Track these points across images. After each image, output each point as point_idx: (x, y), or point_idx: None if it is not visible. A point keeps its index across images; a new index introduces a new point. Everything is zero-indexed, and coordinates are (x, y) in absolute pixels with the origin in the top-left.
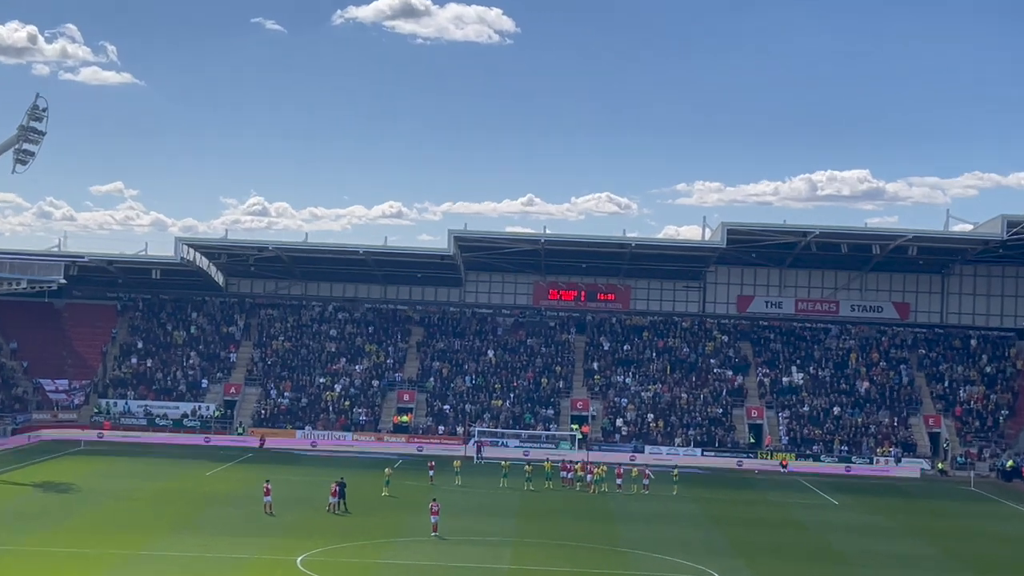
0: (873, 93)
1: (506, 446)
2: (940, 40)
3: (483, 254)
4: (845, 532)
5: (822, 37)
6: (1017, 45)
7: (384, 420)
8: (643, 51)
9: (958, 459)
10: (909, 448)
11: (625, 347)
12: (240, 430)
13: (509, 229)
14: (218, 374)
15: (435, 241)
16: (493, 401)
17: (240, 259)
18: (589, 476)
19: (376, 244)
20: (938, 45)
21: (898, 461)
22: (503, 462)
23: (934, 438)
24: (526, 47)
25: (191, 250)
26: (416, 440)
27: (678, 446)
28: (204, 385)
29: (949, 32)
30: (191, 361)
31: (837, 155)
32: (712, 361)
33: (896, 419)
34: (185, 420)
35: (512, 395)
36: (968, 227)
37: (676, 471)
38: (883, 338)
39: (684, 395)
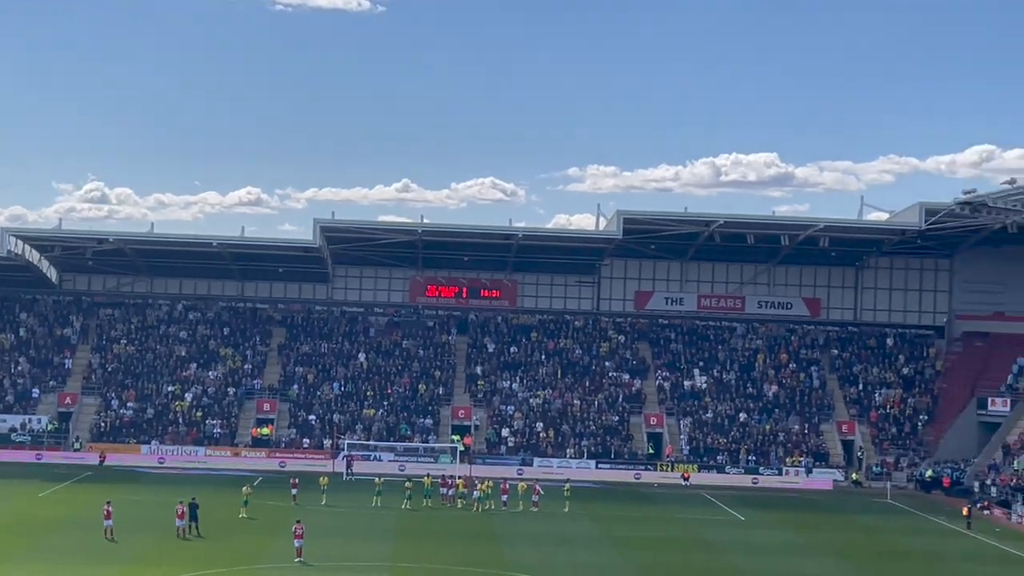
0: (779, 70)
1: (379, 460)
2: (852, 14)
3: (353, 246)
4: (752, 551)
5: (721, 12)
6: (935, 21)
7: (241, 433)
8: (531, 22)
9: (873, 469)
10: (821, 457)
11: (512, 349)
12: (77, 445)
13: (382, 218)
14: (51, 382)
15: (299, 232)
16: (365, 410)
17: (76, 252)
18: (475, 492)
19: (232, 235)
20: (850, 19)
21: (809, 472)
22: (376, 478)
23: (848, 446)
24: (401, 14)
25: (19, 242)
26: (278, 455)
27: (570, 458)
28: (35, 395)
29: (863, 5)
30: (20, 368)
31: (742, 137)
32: (607, 364)
33: (807, 426)
34: (13, 435)
35: (386, 403)
36: (884, 216)
37: (568, 486)
38: (793, 337)
39: (577, 402)
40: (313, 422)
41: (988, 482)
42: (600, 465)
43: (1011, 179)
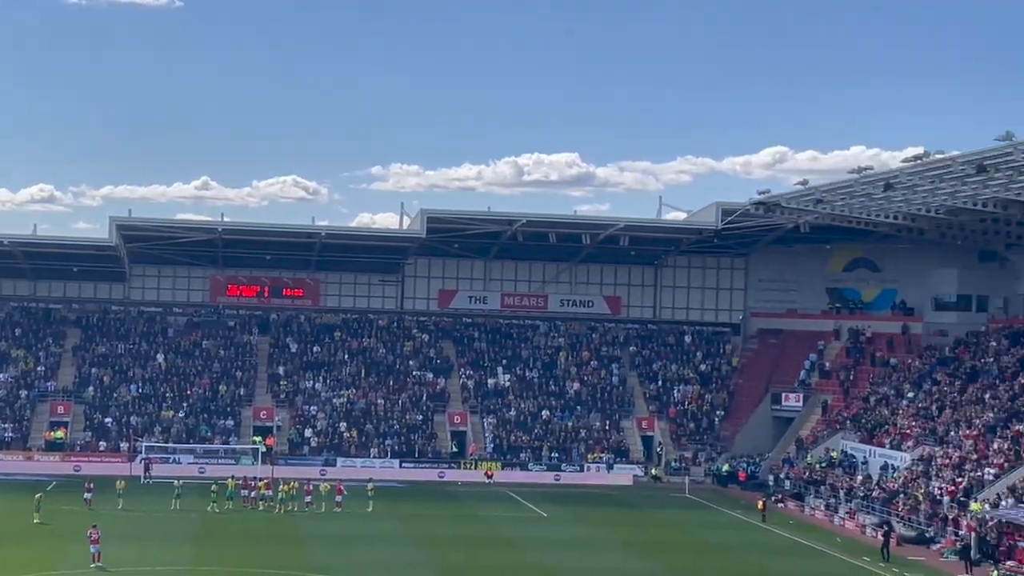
0: (580, 71)
1: (179, 463)
2: (647, 15)
3: (151, 245)
4: (554, 547)
5: (522, 12)
6: (728, 22)
7: (34, 436)
8: (332, 21)
9: (672, 464)
10: (621, 453)
11: (315, 349)
12: None
13: (181, 216)
14: None
15: (94, 230)
16: (163, 412)
17: None
18: (278, 494)
19: (23, 233)
20: (646, 22)
21: (610, 468)
22: (176, 481)
23: (647, 442)
24: (199, 9)
25: None
26: (73, 458)
27: (374, 457)
28: None
29: (659, 8)
30: None
31: (544, 137)
32: (411, 363)
33: (608, 422)
34: None
35: (186, 405)
36: (682, 215)
37: (371, 485)
38: (594, 335)
39: (380, 401)
40: (109, 425)
41: (782, 475)
42: (404, 464)
43: (803, 180)
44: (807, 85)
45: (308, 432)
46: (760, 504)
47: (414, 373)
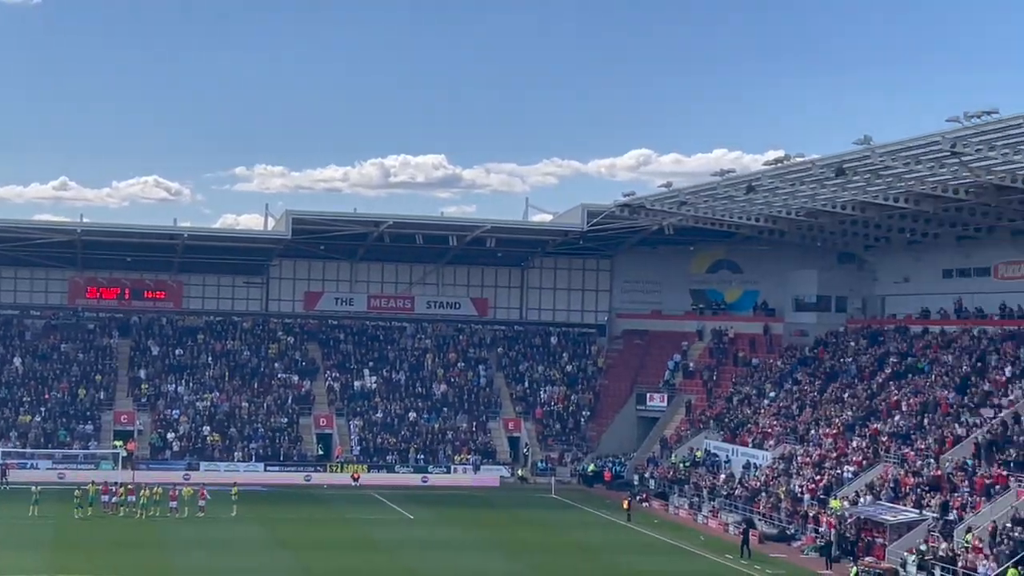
0: (447, 72)
1: (37, 468)
2: (512, 18)
3: (8, 246)
4: (422, 549)
5: (386, 14)
6: (593, 25)
7: None
8: (196, 21)
9: (539, 465)
10: (488, 454)
11: (177, 351)
12: None
13: (38, 217)
14: None
15: None
16: (21, 417)
17: None
18: (141, 499)
19: None
20: (510, 24)
21: (477, 469)
22: (33, 487)
23: (514, 443)
24: (58, 6)
25: None
26: None
27: (238, 461)
28: None
29: (526, 10)
30: None
31: (411, 139)
32: (276, 365)
33: (475, 424)
34: None
35: (43, 409)
36: (548, 217)
37: (236, 489)
38: (461, 337)
39: (245, 404)
40: None
41: (647, 475)
42: (269, 468)
43: (667, 182)
44: (670, 88)
45: (170, 436)
46: (625, 503)
47: (279, 375)
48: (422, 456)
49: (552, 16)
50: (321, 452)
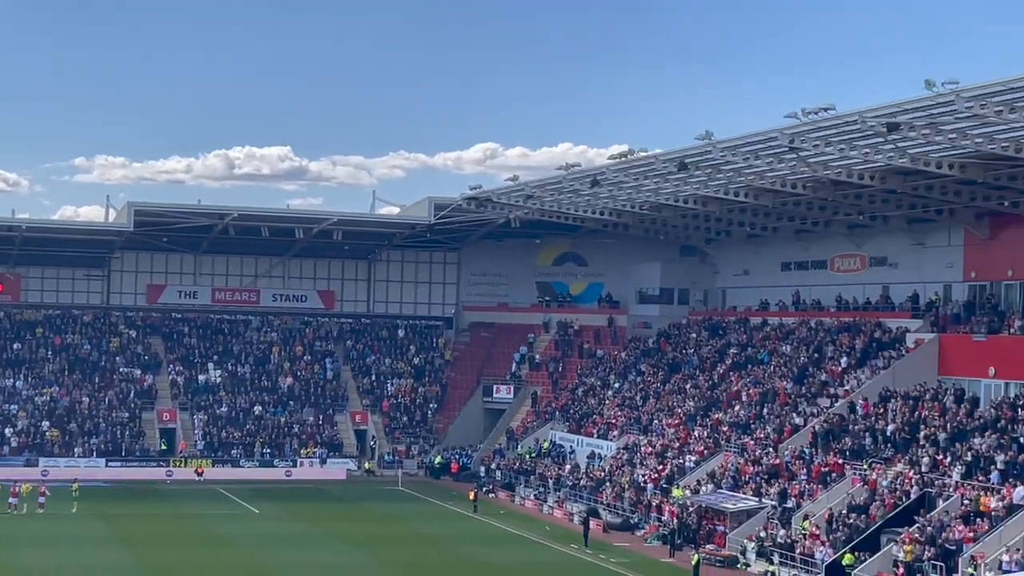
0: (288, 64)
1: None
2: (361, 16)
3: None
4: (267, 544)
5: (237, 6)
6: (422, 27)
7: None
8: (29, 6)
9: (386, 457)
10: (335, 447)
11: (15, 346)
12: None
13: None
14: None
15: None
16: None
17: None
18: None
19: None
20: (359, 20)
21: (323, 462)
22: None
23: (361, 435)
24: None
25: None
26: None
27: (78, 457)
28: None
29: (373, 8)
30: None
31: (256, 130)
32: (118, 359)
33: (321, 417)
34: None
35: None
36: (395, 210)
37: (76, 485)
38: (307, 329)
39: (85, 399)
40: None
41: (493, 466)
42: (111, 463)
43: (514, 176)
44: (516, 82)
45: (8, 432)
46: (471, 495)
47: (121, 370)
48: (268, 450)
49: (399, 9)
50: (164, 447)
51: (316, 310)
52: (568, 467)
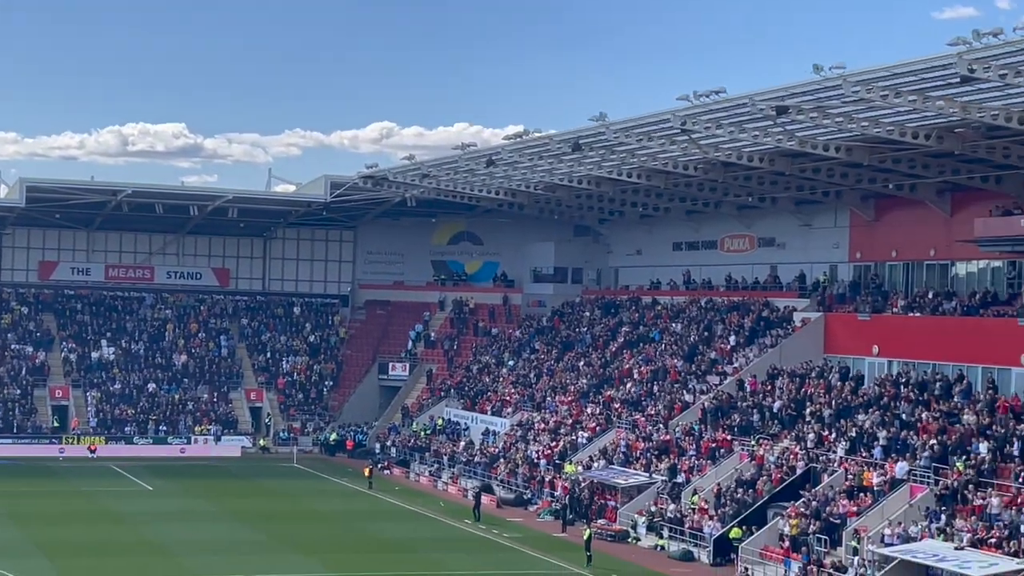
0: (182, 39)
1: None
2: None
3: None
4: (161, 520)
5: None
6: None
7: None
8: None
9: (281, 434)
10: (230, 425)
11: None
12: None
13: None
14: None
15: None
16: None
17: None
18: None
19: None
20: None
21: (218, 439)
22: None
23: (256, 413)
24: None
25: None
26: None
27: None
28: None
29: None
30: None
31: (150, 107)
32: (9, 336)
33: (216, 394)
34: None
35: None
36: (291, 188)
37: None
38: (202, 307)
39: None
40: None
41: (388, 443)
42: (2, 441)
43: (410, 155)
44: (412, 62)
45: None
46: (366, 471)
47: (12, 347)
48: (162, 427)
49: None
50: (57, 424)
51: (211, 287)
52: (462, 444)
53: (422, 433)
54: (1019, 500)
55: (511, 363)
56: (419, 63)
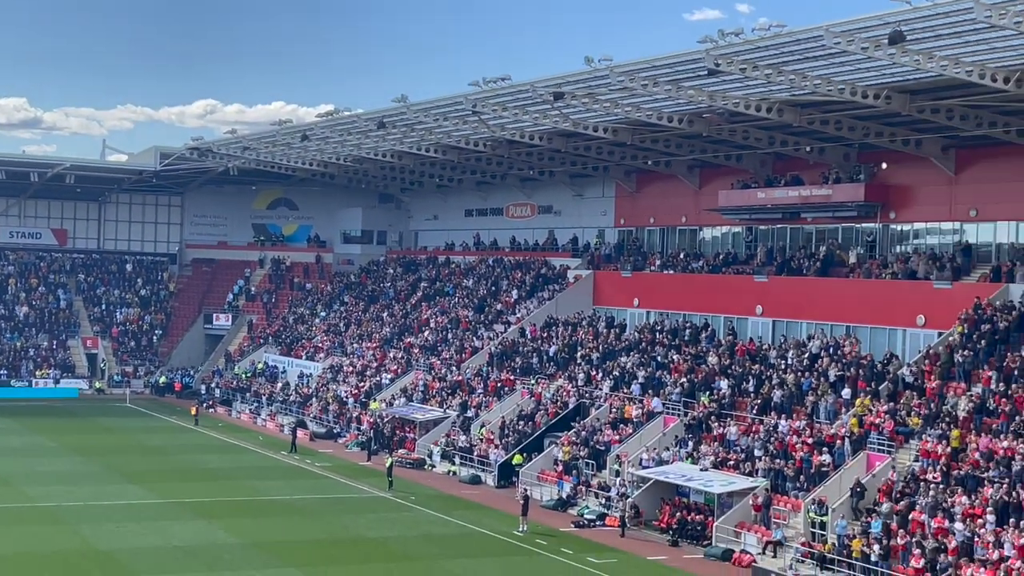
0: (23, 15)
1: None
2: None
3: None
4: (6, 455)
5: None
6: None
7: None
8: None
9: (115, 378)
10: (68, 369)
11: None
12: None
13: None
14: None
15: None
16: None
17: None
18: None
19: None
20: None
21: (57, 382)
22: None
23: (92, 359)
24: None
25: None
26: None
27: None
28: None
29: None
30: None
31: None
32: None
33: (55, 342)
34: None
35: None
36: (124, 157)
37: None
38: (42, 264)
39: None
40: None
41: (213, 385)
42: None
43: (232, 129)
44: (235, 43)
45: None
46: (193, 410)
47: None
48: (4, 371)
49: None
50: None
51: (50, 246)
52: (279, 385)
53: (243, 376)
54: (754, 429)
55: (323, 314)
56: (240, 44)
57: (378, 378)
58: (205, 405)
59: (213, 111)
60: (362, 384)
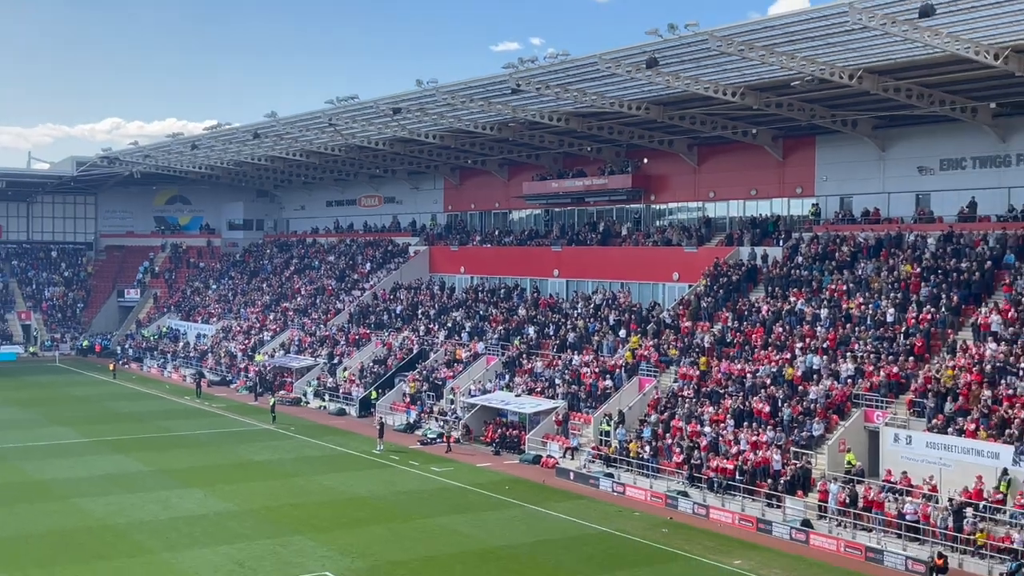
0: None
1: None
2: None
3: None
4: None
5: None
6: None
7: None
8: None
9: (46, 343)
10: (7, 337)
11: None
12: None
13: None
14: None
15: None
16: None
17: None
18: None
19: None
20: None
21: None
22: None
23: (27, 329)
24: None
25: None
26: None
27: None
28: None
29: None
30: None
31: None
32: None
33: None
34: None
35: None
36: (46, 166)
37: None
38: None
39: None
40: None
41: (127, 346)
42: None
43: (135, 142)
44: (133, 70)
45: None
46: (111, 367)
47: None
48: None
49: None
50: None
51: None
52: (181, 344)
53: (151, 338)
54: (554, 363)
55: (214, 287)
56: (138, 72)
57: (261, 336)
58: (121, 362)
59: (119, 127)
60: (248, 341)
